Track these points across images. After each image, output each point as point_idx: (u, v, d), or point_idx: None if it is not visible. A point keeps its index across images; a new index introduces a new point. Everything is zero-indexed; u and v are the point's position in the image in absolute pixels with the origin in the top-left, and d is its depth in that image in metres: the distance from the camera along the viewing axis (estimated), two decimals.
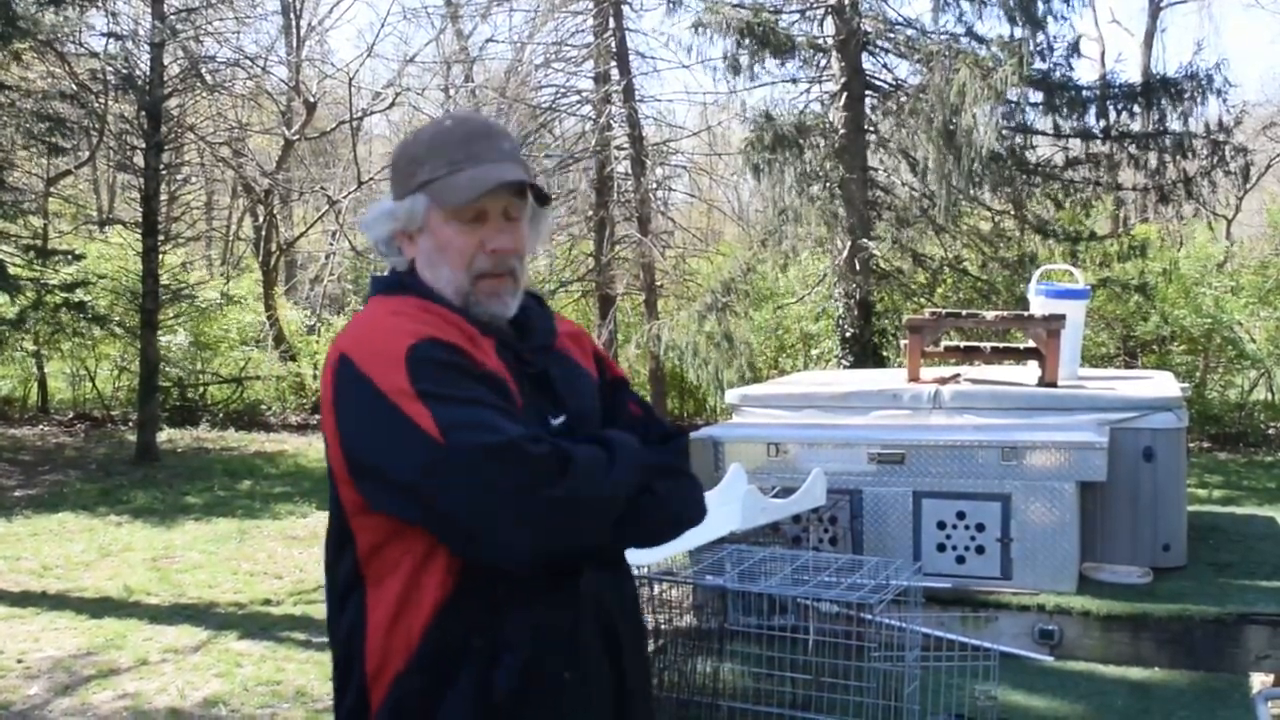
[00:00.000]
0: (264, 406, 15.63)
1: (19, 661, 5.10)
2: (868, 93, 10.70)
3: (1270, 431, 12.26)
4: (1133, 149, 10.37)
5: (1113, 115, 10.30)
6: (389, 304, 1.64)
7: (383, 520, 1.55)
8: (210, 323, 15.44)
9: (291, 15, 19.61)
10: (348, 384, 1.54)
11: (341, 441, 1.56)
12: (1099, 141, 10.45)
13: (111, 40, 12.83)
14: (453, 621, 1.54)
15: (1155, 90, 10.20)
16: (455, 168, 1.62)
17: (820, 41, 10.60)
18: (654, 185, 15.00)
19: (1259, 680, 4.11)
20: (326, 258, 20.30)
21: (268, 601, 6.22)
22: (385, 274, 1.74)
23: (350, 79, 18.20)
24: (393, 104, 18.16)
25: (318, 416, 9.64)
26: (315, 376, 14.93)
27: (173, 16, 12.15)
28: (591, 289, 14.90)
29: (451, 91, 18.58)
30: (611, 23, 14.25)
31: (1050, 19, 9.92)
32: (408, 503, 1.50)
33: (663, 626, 3.99)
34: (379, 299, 1.68)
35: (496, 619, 1.54)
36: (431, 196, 1.63)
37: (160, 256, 12.16)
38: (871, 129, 10.74)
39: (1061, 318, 5.33)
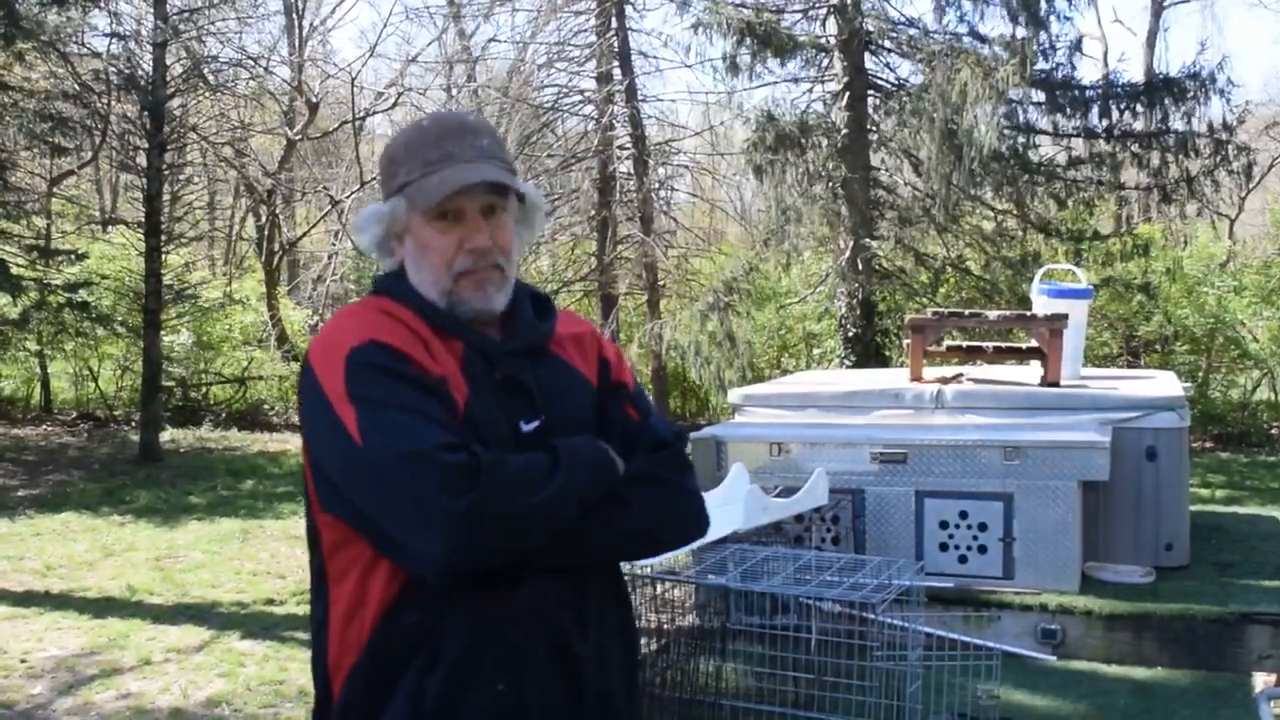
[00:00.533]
0: (267, 406, 15.63)
1: (22, 661, 5.11)
2: (870, 92, 10.71)
3: (1273, 431, 12.24)
4: (1135, 148, 10.38)
5: (1115, 114, 10.30)
6: (359, 304, 1.67)
7: (338, 519, 1.58)
8: (213, 323, 15.44)
9: (294, 15, 19.66)
10: (304, 384, 1.59)
11: (303, 440, 1.62)
12: (1102, 141, 10.44)
13: (114, 40, 12.84)
14: (396, 625, 1.54)
15: (1158, 89, 10.19)
16: (429, 169, 1.61)
17: (822, 41, 10.60)
18: (656, 185, 15.01)
19: (1261, 680, 4.11)
20: (329, 257, 20.30)
21: (271, 601, 6.22)
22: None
23: (353, 79, 18.24)
24: (395, 104, 18.17)
25: None
26: None
27: (175, 17, 12.14)
28: (594, 288, 14.92)
29: (454, 91, 18.59)
30: (614, 23, 14.26)
31: (1053, 18, 9.93)
32: (342, 503, 1.54)
33: (665, 626, 3.99)
34: (363, 298, 1.71)
35: (437, 626, 1.53)
36: (408, 199, 1.63)
37: (163, 256, 12.15)
38: (874, 128, 10.74)
39: (1064, 317, 5.33)
